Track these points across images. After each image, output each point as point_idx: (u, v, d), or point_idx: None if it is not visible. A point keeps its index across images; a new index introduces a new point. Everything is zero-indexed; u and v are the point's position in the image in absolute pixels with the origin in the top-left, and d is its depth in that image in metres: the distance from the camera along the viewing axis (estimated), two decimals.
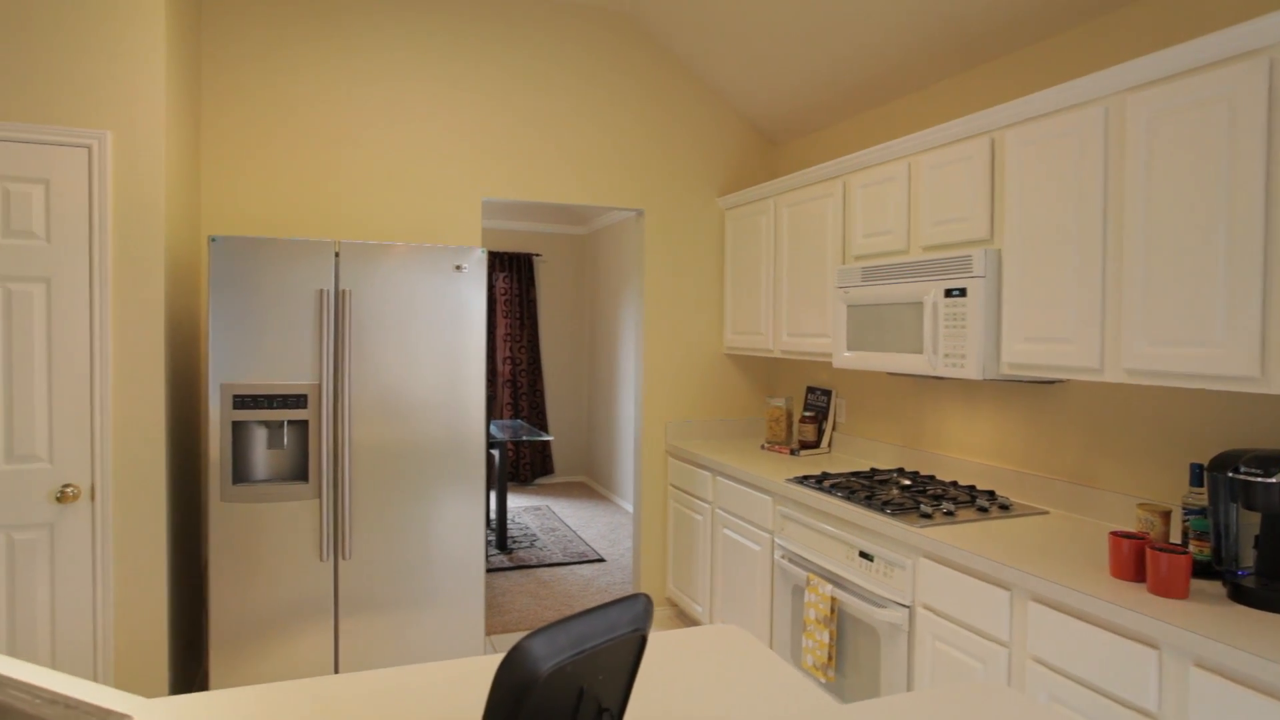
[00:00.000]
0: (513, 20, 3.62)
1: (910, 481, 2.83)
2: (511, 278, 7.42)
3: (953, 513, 2.36)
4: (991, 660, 1.98)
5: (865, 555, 2.45)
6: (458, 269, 2.87)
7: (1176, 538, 2.15)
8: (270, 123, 3.26)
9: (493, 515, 6.12)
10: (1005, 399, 2.73)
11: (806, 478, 2.88)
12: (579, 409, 7.79)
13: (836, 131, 3.71)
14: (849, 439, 3.56)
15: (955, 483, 2.78)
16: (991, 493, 2.63)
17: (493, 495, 6.95)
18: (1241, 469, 1.66)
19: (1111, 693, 1.67)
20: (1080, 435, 2.46)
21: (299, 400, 2.68)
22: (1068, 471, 2.50)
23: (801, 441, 3.65)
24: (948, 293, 2.42)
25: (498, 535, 5.25)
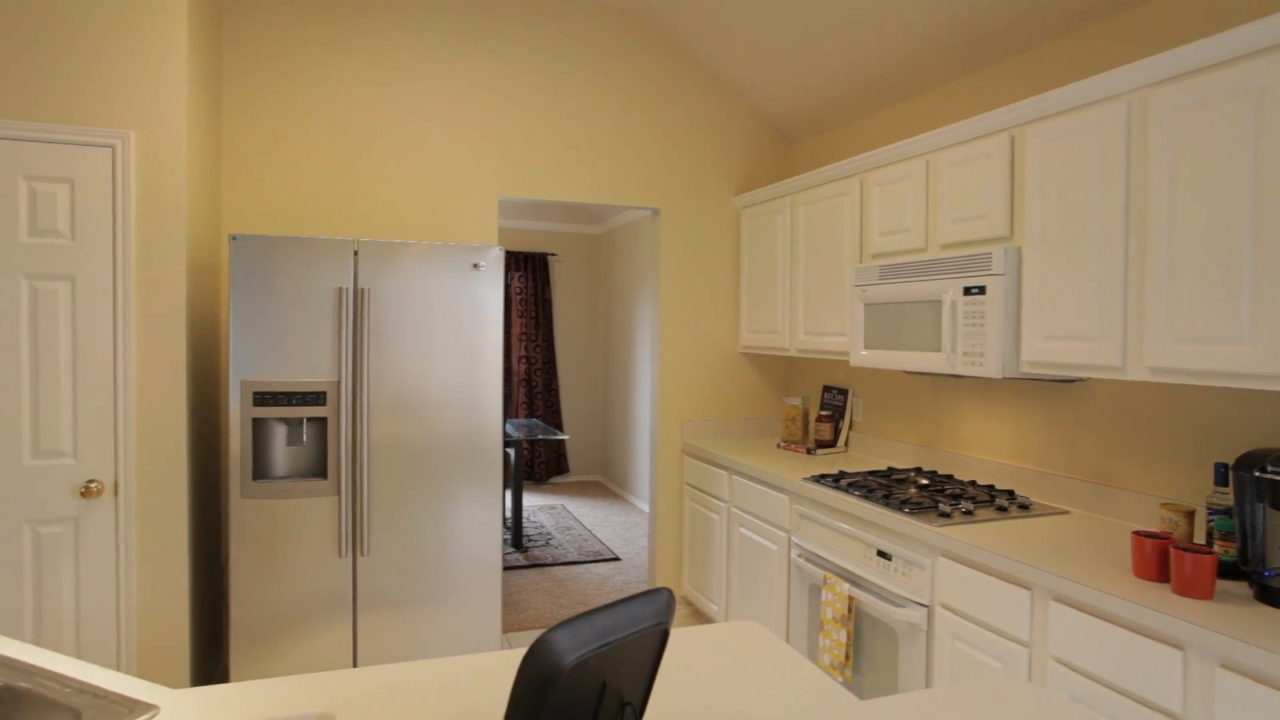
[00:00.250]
0: (529, 20, 3.63)
1: (928, 481, 2.81)
2: (527, 277, 7.44)
3: (971, 512, 2.34)
4: (1011, 660, 1.96)
5: (883, 554, 2.44)
6: (475, 267, 2.88)
7: (1200, 538, 2.12)
8: (289, 122, 3.29)
9: (508, 514, 6.14)
10: (1024, 398, 2.71)
11: (823, 476, 2.87)
12: (594, 408, 7.80)
13: (853, 129, 3.70)
14: (866, 438, 3.54)
15: (974, 482, 2.76)
16: (1011, 492, 2.60)
17: (508, 494, 6.97)
18: (1268, 468, 1.64)
19: (1135, 694, 1.65)
20: (1101, 434, 2.44)
21: (318, 397, 2.71)
22: (1088, 471, 2.47)
23: (818, 440, 3.64)
24: (967, 290, 2.40)
25: (513, 534, 5.27)
